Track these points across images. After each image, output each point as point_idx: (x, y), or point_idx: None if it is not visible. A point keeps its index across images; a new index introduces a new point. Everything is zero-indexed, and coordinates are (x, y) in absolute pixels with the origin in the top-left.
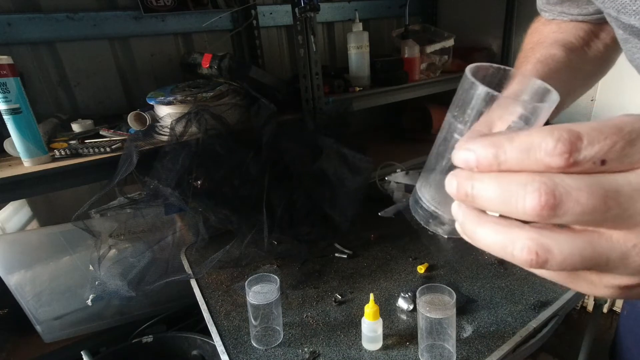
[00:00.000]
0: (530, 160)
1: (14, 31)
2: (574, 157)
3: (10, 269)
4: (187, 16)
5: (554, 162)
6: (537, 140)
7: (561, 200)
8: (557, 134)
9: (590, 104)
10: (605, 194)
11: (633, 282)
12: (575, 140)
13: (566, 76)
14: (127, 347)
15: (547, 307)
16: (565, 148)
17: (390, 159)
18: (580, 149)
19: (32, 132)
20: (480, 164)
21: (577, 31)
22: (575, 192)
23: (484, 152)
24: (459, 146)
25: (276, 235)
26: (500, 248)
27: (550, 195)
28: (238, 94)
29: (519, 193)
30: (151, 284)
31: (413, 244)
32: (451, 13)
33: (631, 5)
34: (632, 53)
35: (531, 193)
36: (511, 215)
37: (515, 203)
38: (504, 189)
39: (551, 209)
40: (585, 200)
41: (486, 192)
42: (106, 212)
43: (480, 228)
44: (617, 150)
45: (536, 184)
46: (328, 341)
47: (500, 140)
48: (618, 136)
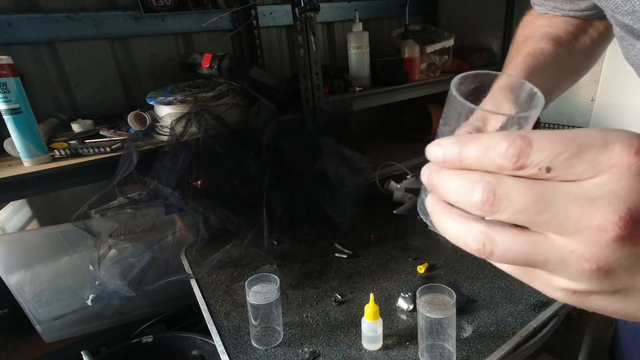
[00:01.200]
0: (486, 159)
1: (14, 31)
2: (521, 161)
3: (10, 269)
4: (187, 16)
5: (504, 163)
6: (494, 142)
7: (499, 198)
8: (511, 138)
9: (590, 104)
10: (538, 197)
11: (579, 288)
12: (525, 146)
13: (554, 70)
14: (127, 347)
15: (547, 307)
16: (514, 152)
17: (390, 159)
18: (529, 155)
19: (32, 132)
20: (446, 159)
21: (567, 26)
22: (512, 192)
23: (450, 149)
24: (434, 142)
25: (276, 235)
26: (458, 237)
27: (490, 193)
28: (238, 94)
29: (468, 187)
30: (151, 284)
31: (413, 244)
32: (451, 13)
33: (623, 5)
34: (628, 50)
35: (477, 189)
36: (464, 207)
37: (466, 196)
38: (460, 183)
39: (491, 205)
40: (518, 200)
41: (446, 184)
42: (106, 212)
43: (444, 217)
44: (563, 160)
45: (482, 182)
46: (328, 341)
47: (466, 140)
48: (567, 147)
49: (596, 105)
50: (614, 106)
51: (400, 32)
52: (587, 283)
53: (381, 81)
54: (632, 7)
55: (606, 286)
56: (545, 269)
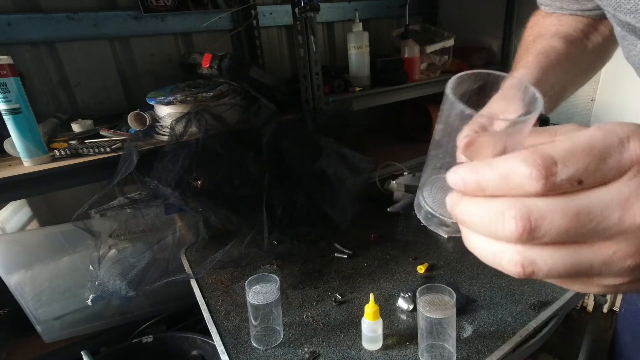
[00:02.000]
0: (510, 186)
1: (14, 31)
2: (550, 182)
3: (10, 269)
4: (187, 16)
5: (532, 188)
6: (514, 167)
7: (537, 224)
8: (531, 160)
9: (590, 104)
10: (577, 212)
11: (619, 282)
12: (549, 166)
13: (566, 68)
14: (127, 347)
15: (547, 307)
16: (540, 174)
17: (390, 159)
18: (556, 173)
19: (32, 132)
20: (467, 188)
21: (577, 24)
22: (550, 214)
23: (469, 177)
24: (452, 169)
25: (276, 235)
26: (491, 258)
27: (526, 221)
28: (238, 94)
29: (498, 220)
30: (151, 284)
31: (413, 244)
32: (451, 13)
33: (625, 4)
34: (629, 50)
35: (509, 220)
36: (498, 239)
37: (497, 229)
38: (485, 216)
39: (529, 233)
40: (559, 221)
41: (471, 218)
42: (106, 212)
43: (475, 237)
44: (591, 170)
45: (512, 211)
46: (328, 341)
47: (481, 167)
48: (590, 155)
49: (596, 105)
50: (614, 106)
51: (400, 32)
52: (630, 275)
53: (381, 81)
54: (635, 5)
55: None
56: (588, 274)
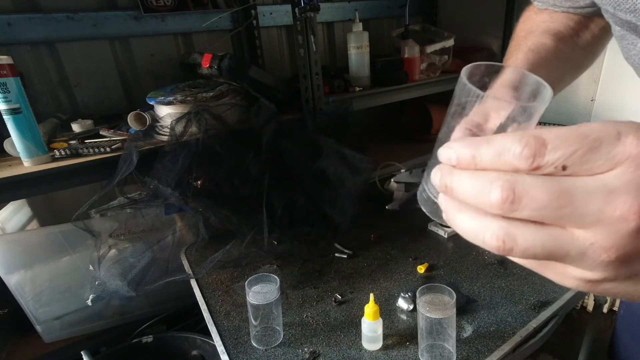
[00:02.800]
0: (501, 161)
1: (14, 31)
2: (537, 162)
3: (10, 269)
4: (187, 16)
5: (520, 165)
6: (508, 145)
7: (519, 196)
8: (525, 140)
9: (590, 104)
10: (559, 193)
11: (595, 277)
12: (540, 146)
13: (555, 65)
14: (127, 347)
15: (547, 307)
16: (530, 152)
17: (390, 159)
18: (544, 154)
19: (32, 132)
20: (460, 162)
21: (568, 21)
22: (533, 189)
23: (463, 152)
24: (445, 145)
25: (276, 235)
26: (475, 234)
27: (510, 191)
28: (238, 94)
29: (485, 188)
30: (151, 284)
31: (413, 244)
32: (451, 13)
33: (624, 3)
34: (629, 50)
35: (495, 189)
36: (481, 207)
37: (483, 196)
38: (476, 184)
39: (511, 203)
40: (540, 197)
41: (462, 186)
42: (106, 212)
43: (459, 214)
44: (578, 157)
45: (500, 181)
46: (328, 341)
47: (479, 142)
48: (580, 144)
49: (596, 105)
50: (614, 106)
51: (400, 32)
52: (604, 272)
53: (381, 81)
54: (633, 4)
55: (621, 273)
56: (563, 261)
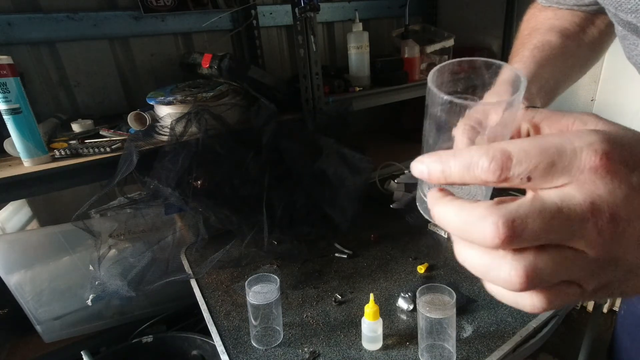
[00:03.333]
0: (470, 175)
1: (14, 31)
2: (504, 174)
3: (10, 269)
4: (187, 16)
5: (489, 178)
6: (475, 159)
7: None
8: (491, 154)
9: (590, 104)
10: (548, 217)
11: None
12: (506, 160)
13: (562, 62)
14: (127, 347)
15: None
16: (497, 166)
17: (390, 159)
18: (510, 168)
19: (32, 132)
20: (430, 176)
21: (573, 18)
22: (529, 219)
23: (434, 167)
24: (417, 159)
25: (276, 235)
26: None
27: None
28: (238, 94)
29: (477, 225)
30: (151, 284)
31: (413, 244)
32: (451, 13)
33: (626, 3)
34: (630, 50)
35: (490, 225)
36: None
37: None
38: (465, 221)
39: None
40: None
41: (451, 224)
42: (106, 212)
43: (464, 250)
44: (540, 170)
45: (492, 217)
46: (328, 341)
47: (446, 157)
48: (542, 157)
49: (596, 105)
50: (614, 106)
51: (400, 32)
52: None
53: (381, 81)
54: (635, 5)
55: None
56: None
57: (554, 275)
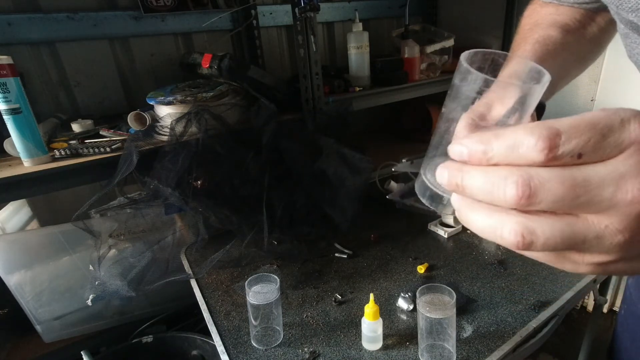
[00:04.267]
0: (515, 155)
1: (14, 31)
2: (553, 153)
3: (10, 269)
4: (187, 16)
5: (537, 158)
6: (520, 138)
7: (536, 190)
8: (537, 132)
9: (590, 103)
10: (574, 183)
11: (608, 259)
12: (554, 137)
13: (563, 57)
14: (127, 347)
15: (547, 307)
16: (545, 145)
17: (390, 159)
18: (559, 145)
19: (32, 132)
20: (471, 158)
21: (574, 14)
22: (548, 183)
23: (475, 147)
24: (454, 141)
25: (276, 235)
26: (491, 231)
27: (526, 186)
28: (238, 94)
29: (500, 184)
30: (151, 284)
31: (413, 244)
32: (451, 13)
33: (627, 2)
34: (632, 48)
35: (510, 184)
36: (496, 203)
37: (498, 193)
38: (488, 181)
39: (528, 198)
40: (556, 190)
41: (474, 183)
42: (106, 212)
43: (473, 213)
44: (592, 145)
45: (515, 176)
46: (328, 341)
47: (488, 138)
48: (592, 132)
49: (596, 105)
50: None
51: (400, 32)
52: (619, 253)
53: (381, 81)
54: (635, 4)
55: (632, 252)
56: (580, 248)
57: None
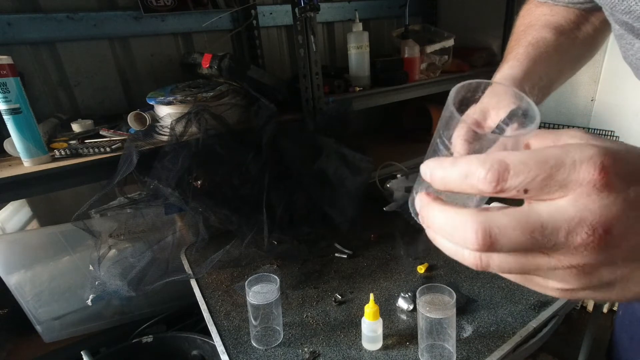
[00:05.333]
0: (467, 184)
1: (14, 31)
2: (500, 186)
3: (10, 269)
4: (187, 16)
5: (485, 189)
6: (473, 169)
7: (496, 239)
8: (488, 164)
9: (590, 104)
10: (532, 229)
11: (570, 287)
12: (503, 171)
13: (556, 59)
14: (127, 347)
15: (547, 307)
16: (493, 177)
17: (390, 159)
18: (507, 179)
19: (32, 132)
20: (433, 180)
21: (568, 14)
22: (508, 231)
23: (436, 172)
24: (424, 162)
25: (276, 235)
26: (454, 253)
27: (487, 236)
28: (238, 94)
29: (460, 229)
30: (151, 284)
31: (413, 244)
32: (451, 13)
33: (619, 5)
34: (627, 50)
35: (470, 232)
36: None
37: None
38: (449, 224)
39: (489, 247)
40: (516, 238)
41: (436, 224)
42: (106, 212)
43: (438, 236)
44: (537, 182)
45: (475, 224)
46: (328, 341)
47: (447, 163)
48: (540, 170)
49: (596, 105)
50: (614, 106)
51: (400, 32)
52: (577, 283)
53: (381, 81)
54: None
55: (593, 283)
56: (538, 275)
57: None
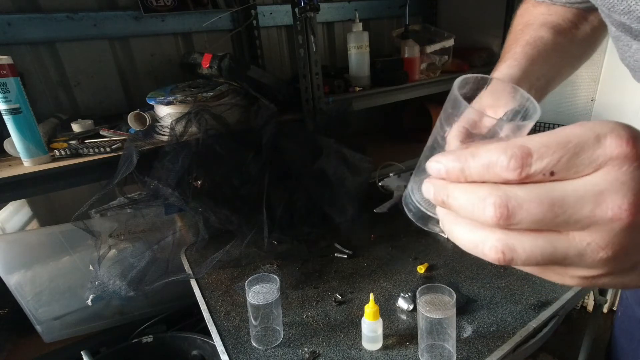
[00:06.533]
0: (490, 174)
1: (14, 31)
2: (525, 172)
3: (10, 269)
4: (187, 16)
5: (509, 176)
6: (494, 157)
7: (513, 211)
8: (510, 152)
9: (590, 104)
10: (551, 202)
11: (593, 274)
12: (526, 157)
13: (554, 58)
14: (127, 347)
15: (547, 307)
16: (517, 164)
17: (390, 159)
18: (531, 164)
19: (32, 132)
20: (449, 175)
21: (566, 14)
22: (525, 203)
23: (452, 165)
24: (432, 158)
25: (276, 235)
26: (473, 246)
27: (503, 208)
28: (238, 94)
29: (479, 205)
30: (151, 284)
31: (413, 244)
32: (451, 13)
33: (618, 5)
34: (624, 51)
35: (489, 206)
36: (479, 222)
37: (478, 212)
38: (469, 201)
39: (506, 218)
40: (533, 209)
41: (456, 202)
42: (106, 212)
43: (456, 227)
44: (564, 163)
45: (492, 197)
46: (328, 341)
47: (465, 156)
48: (564, 150)
49: (596, 105)
50: (614, 106)
51: (400, 32)
52: (603, 268)
53: (381, 81)
54: (627, 6)
55: (618, 267)
56: (563, 264)
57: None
